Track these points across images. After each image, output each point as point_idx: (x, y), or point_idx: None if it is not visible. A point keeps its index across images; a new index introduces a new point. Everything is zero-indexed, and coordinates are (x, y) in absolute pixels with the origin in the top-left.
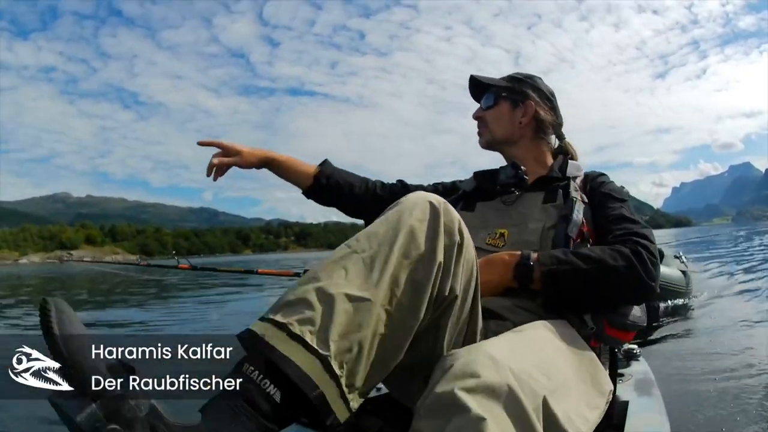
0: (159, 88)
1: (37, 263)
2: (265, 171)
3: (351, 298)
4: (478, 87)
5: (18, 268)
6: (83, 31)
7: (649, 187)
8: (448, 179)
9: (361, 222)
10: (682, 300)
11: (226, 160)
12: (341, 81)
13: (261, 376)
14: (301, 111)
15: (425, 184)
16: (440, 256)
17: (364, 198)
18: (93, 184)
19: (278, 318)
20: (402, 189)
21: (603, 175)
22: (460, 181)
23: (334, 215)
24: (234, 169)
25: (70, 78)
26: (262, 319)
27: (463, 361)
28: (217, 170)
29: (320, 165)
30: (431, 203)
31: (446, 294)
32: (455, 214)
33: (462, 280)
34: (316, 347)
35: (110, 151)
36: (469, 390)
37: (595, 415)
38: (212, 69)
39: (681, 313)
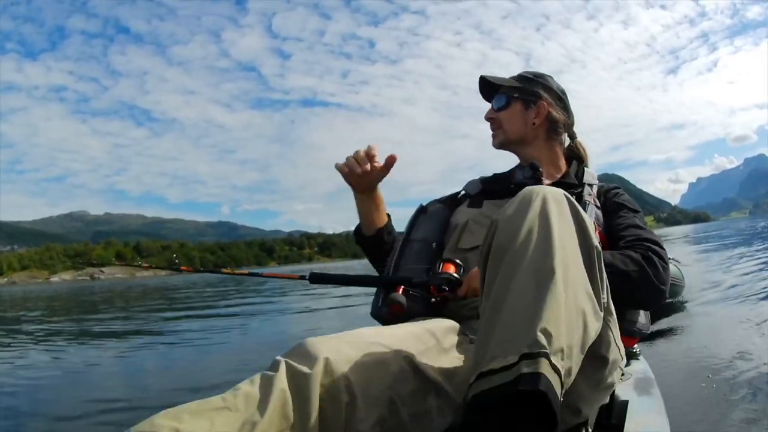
0: (171, 105)
1: (68, 281)
2: (282, 182)
3: None
4: (488, 88)
5: (50, 285)
6: (92, 50)
7: (665, 184)
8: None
9: None
10: (679, 296)
11: (363, 181)
12: (354, 90)
13: None
14: (316, 122)
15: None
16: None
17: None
18: (110, 202)
19: None
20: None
21: (618, 188)
22: (463, 188)
23: (353, 225)
24: (250, 181)
25: (81, 97)
26: None
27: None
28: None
29: (388, 219)
30: (307, 374)
31: None
32: (340, 372)
33: (373, 416)
34: None
35: (125, 169)
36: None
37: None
38: (224, 83)
39: (678, 308)
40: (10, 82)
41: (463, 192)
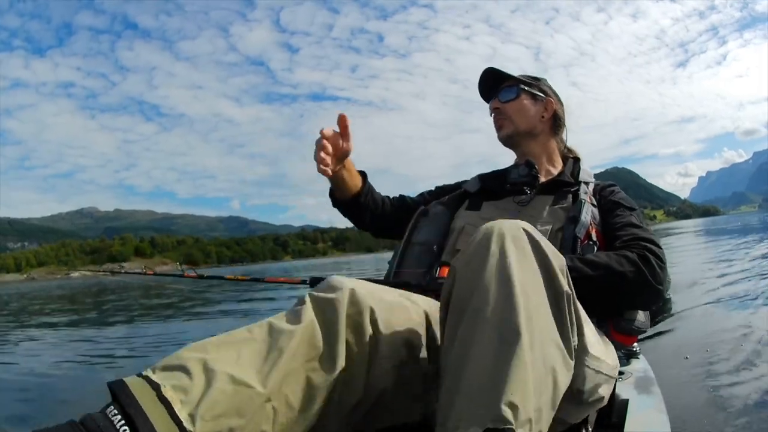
0: (180, 99)
1: (89, 276)
2: (292, 176)
3: (234, 381)
4: (493, 82)
5: (70, 281)
6: (100, 46)
7: (675, 177)
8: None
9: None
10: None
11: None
12: (363, 84)
13: (122, 421)
14: (325, 116)
15: (430, 189)
16: (341, 361)
17: (380, 216)
18: (119, 198)
19: (153, 377)
20: (399, 204)
21: (614, 185)
22: (465, 182)
23: None
24: (260, 175)
25: (89, 93)
26: (139, 374)
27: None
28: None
29: (363, 179)
30: (334, 300)
31: (353, 403)
32: (365, 303)
33: (379, 378)
34: (181, 418)
35: (134, 164)
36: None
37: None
38: (232, 78)
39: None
40: (18, 78)
41: (463, 189)
